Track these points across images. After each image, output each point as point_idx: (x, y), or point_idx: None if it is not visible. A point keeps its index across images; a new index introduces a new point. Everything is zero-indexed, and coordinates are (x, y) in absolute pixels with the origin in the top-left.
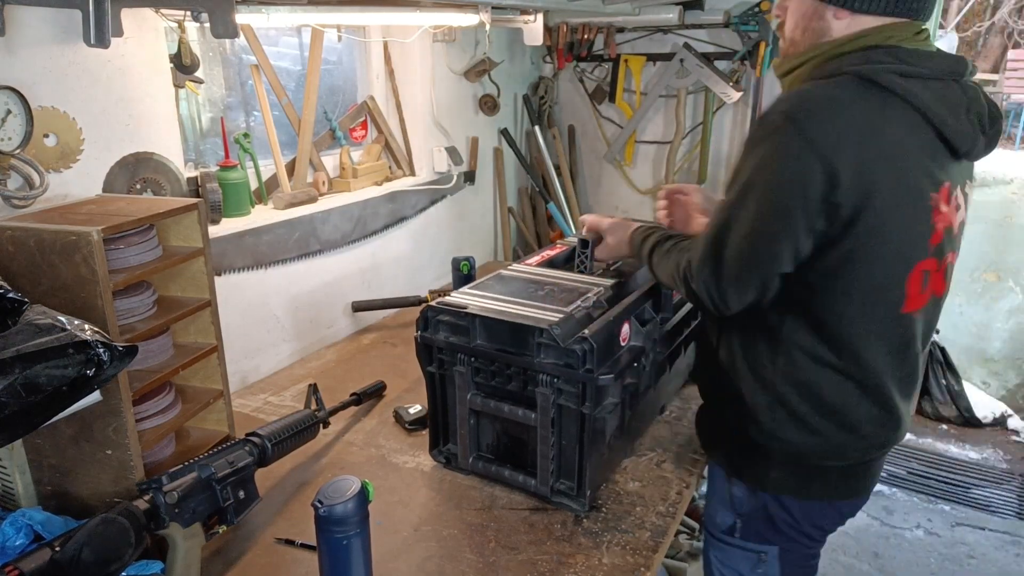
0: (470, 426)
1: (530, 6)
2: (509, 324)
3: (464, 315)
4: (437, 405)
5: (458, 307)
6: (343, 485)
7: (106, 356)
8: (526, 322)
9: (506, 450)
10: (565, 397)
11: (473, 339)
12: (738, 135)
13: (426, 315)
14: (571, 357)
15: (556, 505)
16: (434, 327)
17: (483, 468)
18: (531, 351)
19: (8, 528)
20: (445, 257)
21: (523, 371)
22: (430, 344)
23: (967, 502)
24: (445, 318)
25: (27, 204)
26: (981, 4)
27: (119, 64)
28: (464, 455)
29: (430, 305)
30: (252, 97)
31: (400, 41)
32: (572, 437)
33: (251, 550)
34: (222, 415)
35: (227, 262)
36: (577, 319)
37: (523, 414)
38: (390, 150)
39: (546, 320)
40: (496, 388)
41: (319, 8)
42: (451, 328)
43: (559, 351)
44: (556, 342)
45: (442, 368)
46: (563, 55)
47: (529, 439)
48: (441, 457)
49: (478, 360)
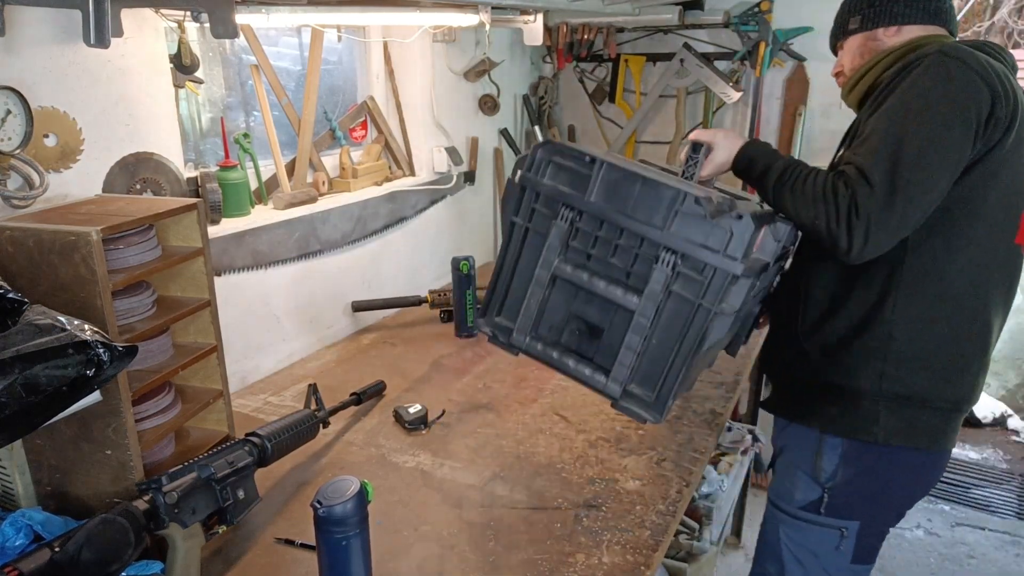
0: (543, 297)
1: (530, 6)
2: (645, 181)
3: (588, 161)
4: (506, 265)
5: (580, 151)
6: (343, 485)
7: (106, 356)
8: (669, 184)
9: (573, 337)
10: (682, 284)
11: (589, 193)
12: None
13: (536, 154)
14: (716, 236)
15: (621, 410)
16: (542, 169)
17: (541, 351)
18: (659, 220)
19: (8, 528)
20: (445, 257)
21: (639, 244)
22: (529, 188)
23: (967, 502)
24: (561, 161)
25: (27, 204)
26: (981, 4)
27: (119, 64)
28: (522, 330)
29: (547, 141)
30: (252, 97)
31: (400, 41)
32: (672, 335)
33: (251, 550)
34: (222, 415)
35: (227, 262)
36: (722, 202)
37: (623, 295)
38: (390, 150)
39: (689, 190)
40: (593, 259)
41: (319, 8)
42: (565, 175)
43: (701, 227)
44: (704, 212)
45: (531, 221)
46: (563, 55)
47: (611, 328)
48: (488, 329)
49: (584, 220)
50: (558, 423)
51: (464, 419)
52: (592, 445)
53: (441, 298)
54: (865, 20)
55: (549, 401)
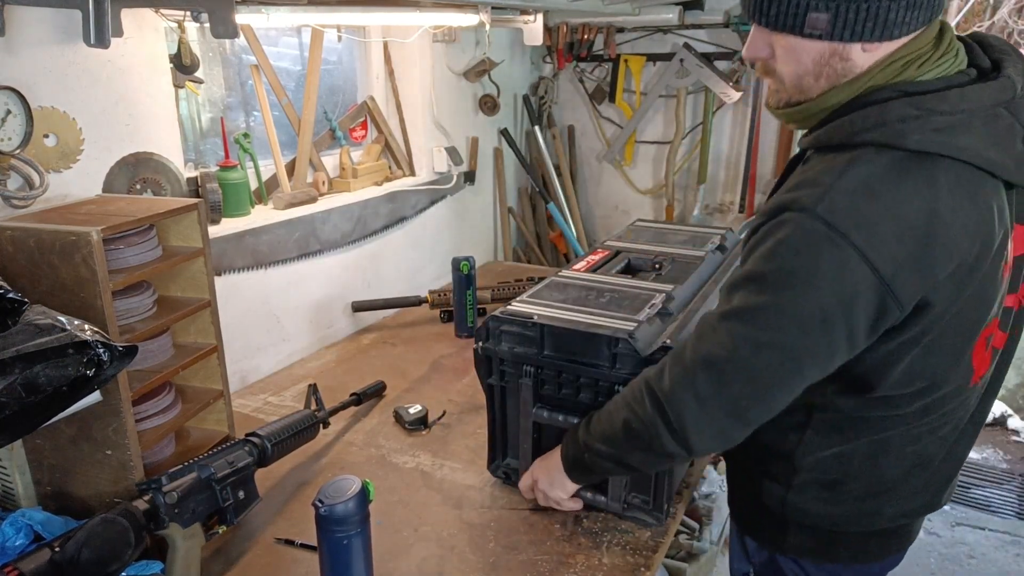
0: (533, 440)
1: (530, 6)
2: (582, 334)
3: (531, 325)
4: (496, 418)
5: (524, 317)
6: (344, 485)
7: (106, 356)
8: (600, 331)
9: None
10: None
11: (541, 350)
12: (738, 135)
13: (488, 325)
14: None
15: (630, 519)
16: (496, 338)
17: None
18: (606, 361)
19: (8, 528)
20: (445, 257)
21: (595, 382)
22: (492, 356)
23: (967, 502)
24: (510, 328)
25: (27, 204)
26: (981, 4)
27: (119, 64)
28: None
29: (493, 315)
30: (252, 97)
31: (400, 41)
32: None
33: (251, 550)
34: (222, 415)
35: (227, 262)
36: (652, 327)
37: None
38: (390, 150)
39: (620, 328)
40: (564, 400)
41: (319, 8)
42: (516, 339)
43: (638, 360)
44: (636, 351)
45: (504, 380)
46: (563, 55)
47: None
48: (500, 473)
49: (545, 372)
50: None
51: (464, 419)
52: None
53: (441, 298)
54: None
55: None
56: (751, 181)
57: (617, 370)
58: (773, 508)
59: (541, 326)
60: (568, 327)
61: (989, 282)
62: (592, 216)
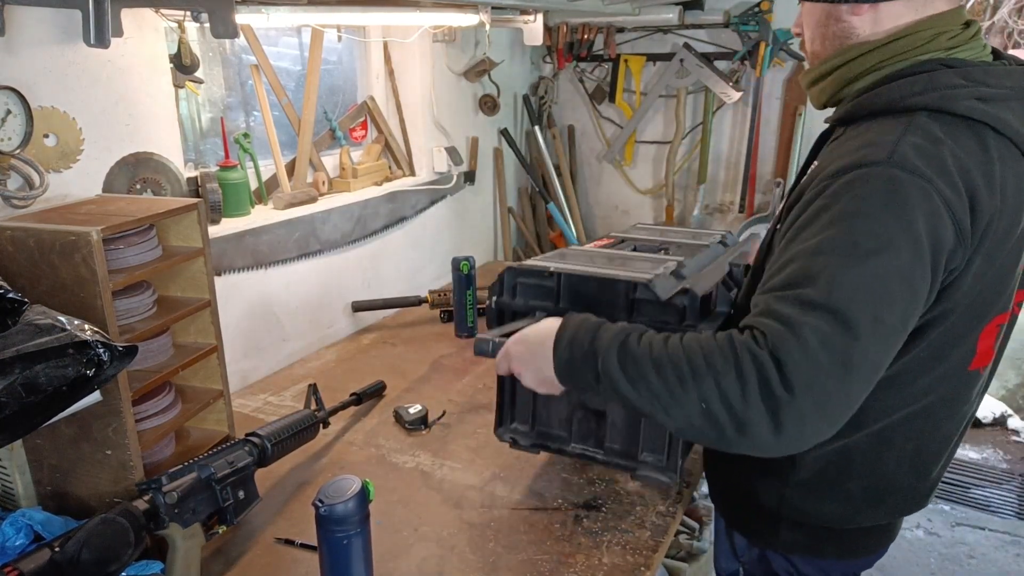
0: (542, 400)
1: (530, 6)
2: (600, 281)
3: (549, 275)
4: (506, 380)
5: (540, 268)
6: (344, 484)
7: (106, 356)
8: (619, 278)
9: (580, 425)
10: None
11: (557, 302)
12: (738, 135)
13: (503, 279)
14: (671, 313)
15: (642, 479)
16: (511, 291)
17: (557, 445)
18: (623, 310)
19: (8, 528)
20: (445, 257)
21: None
22: (506, 310)
23: (967, 502)
24: (526, 280)
25: (27, 204)
26: (981, 4)
27: (119, 64)
28: (535, 431)
29: (509, 268)
30: (252, 97)
31: (400, 41)
32: None
33: (251, 550)
34: (222, 415)
35: (227, 262)
36: (668, 281)
37: None
38: (390, 150)
39: (637, 277)
40: None
41: (319, 8)
42: (532, 291)
43: (658, 307)
44: (656, 296)
45: None
46: (563, 55)
47: (609, 410)
48: (507, 437)
49: None
50: None
51: (464, 419)
52: None
53: (441, 298)
54: None
55: None
56: (751, 181)
57: (636, 319)
58: (768, 505)
59: (559, 275)
60: (587, 275)
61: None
62: (592, 216)
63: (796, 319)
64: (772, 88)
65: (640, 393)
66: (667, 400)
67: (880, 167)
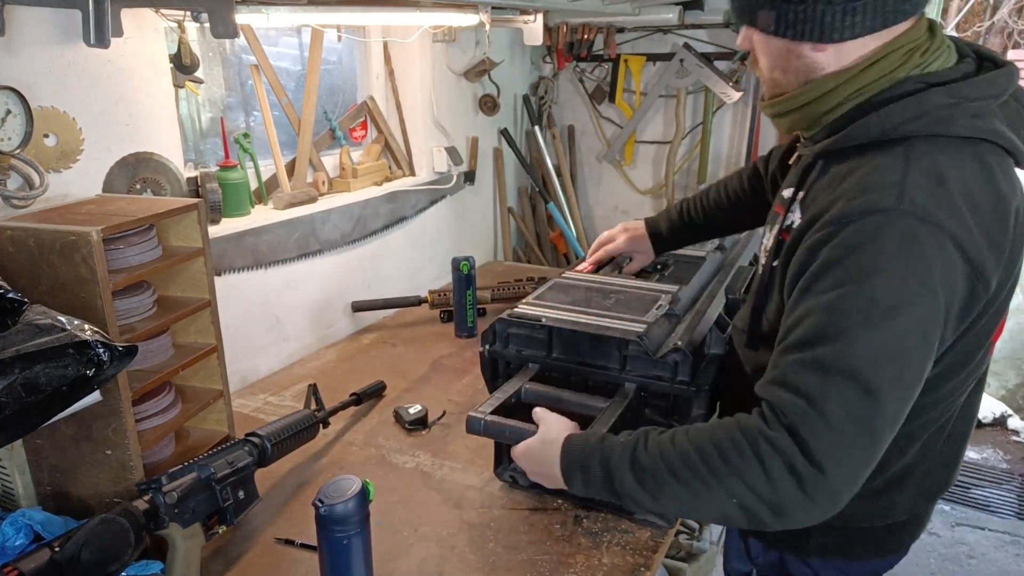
0: None
1: (530, 6)
2: (591, 336)
3: (540, 327)
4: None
5: (532, 319)
6: (344, 484)
7: (106, 356)
8: (610, 333)
9: None
10: (652, 410)
11: (549, 352)
12: (738, 135)
13: (495, 328)
14: (663, 368)
15: (641, 523)
16: (503, 340)
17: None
18: (615, 363)
19: (8, 528)
20: (445, 257)
21: (604, 385)
22: (499, 359)
23: (967, 502)
24: (517, 331)
25: (27, 204)
26: (981, 4)
27: (119, 64)
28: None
29: (500, 318)
30: (252, 97)
31: (400, 41)
32: None
33: (251, 550)
34: (222, 415)
35: (227, 262)
36: (661, 328)
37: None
38: (390, 150)
39: (629, 330)
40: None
41: (319, 8)
42: (523, 341)
43: (649, 362)
44: (647, 353)
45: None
46: (563, 55)
47: None
48: (507, 477)
49: (553, 375)
50: None
51: (464, 419)
52: None
53: (441, 298)
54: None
55: None
56: None
57: (628, 372)
58: None
59: (550, 328)
60: (577, 329)
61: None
62: (592, 216)
63: (817, 393)
64: None
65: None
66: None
67: (891, 215)
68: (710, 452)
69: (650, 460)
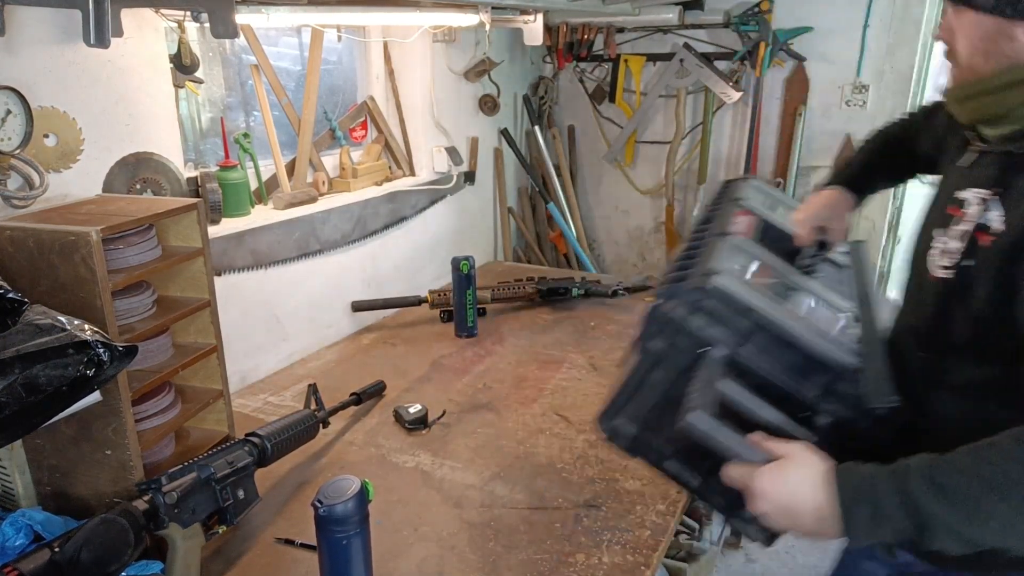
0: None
1: (530, 6)
2: (805, 356)
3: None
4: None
5: (741, 304)
6: (343, 484)
7: (106, 356)
8: (827, 354)
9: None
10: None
11: (737, 344)
12: (738, 135)
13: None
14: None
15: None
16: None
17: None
18: (815, 389)
19: (8, 528)
20: (445, 257)
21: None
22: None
23: None
24: (718, 307)
25: (27, 204)
26: None
27: (119, 64)
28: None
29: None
30: (252, 97)
31: (400, 41)
32: None
33: (251, 550)
34: (222, 415)
35: (227, 262)
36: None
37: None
38: (390, 150)
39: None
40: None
41: (319, 8)
42: (718, 319)
43: (855, 407)
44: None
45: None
46: (563, 55)
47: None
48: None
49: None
50: (558, 423)
51: (464, 419)
52: (592, 445)
53: (441, 298)
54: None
55: (549, 401)
56: None
57: (823, 405)
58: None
59: (760, 324)
60: (790, 340)
61: None
62: (592, 216)
63: None
64: (772, 88)
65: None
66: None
67: None
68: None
69: (957, 480)
